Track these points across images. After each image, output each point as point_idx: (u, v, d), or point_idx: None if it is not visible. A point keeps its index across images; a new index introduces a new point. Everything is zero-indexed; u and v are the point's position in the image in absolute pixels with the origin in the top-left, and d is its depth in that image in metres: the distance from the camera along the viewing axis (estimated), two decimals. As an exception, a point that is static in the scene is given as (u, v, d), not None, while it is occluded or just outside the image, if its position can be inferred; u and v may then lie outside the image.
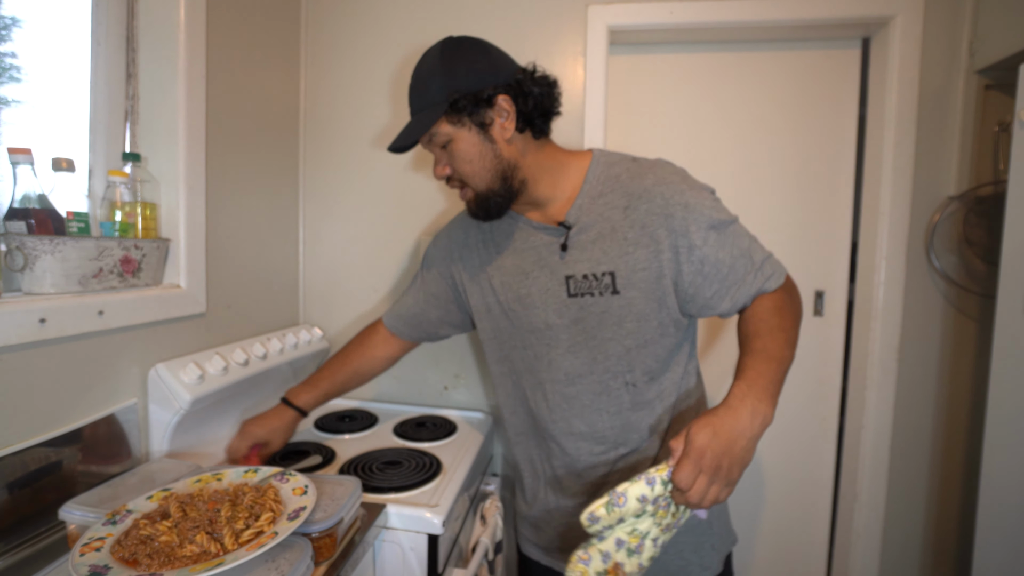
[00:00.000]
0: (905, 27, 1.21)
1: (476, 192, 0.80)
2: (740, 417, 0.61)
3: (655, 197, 0.76)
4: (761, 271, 0.78)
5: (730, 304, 0.78)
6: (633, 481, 0.59)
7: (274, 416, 1.01)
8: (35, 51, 0.87)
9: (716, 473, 0.59)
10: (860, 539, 1.34)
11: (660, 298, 0.77)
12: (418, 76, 0.79)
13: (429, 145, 0.81)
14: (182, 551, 0.56)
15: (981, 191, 1.22)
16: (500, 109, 0.76)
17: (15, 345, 0.70)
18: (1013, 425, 1.01)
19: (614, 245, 0.77)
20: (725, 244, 0.76)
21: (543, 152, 0.82)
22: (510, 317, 0.87)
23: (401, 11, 1.37)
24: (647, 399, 0.82)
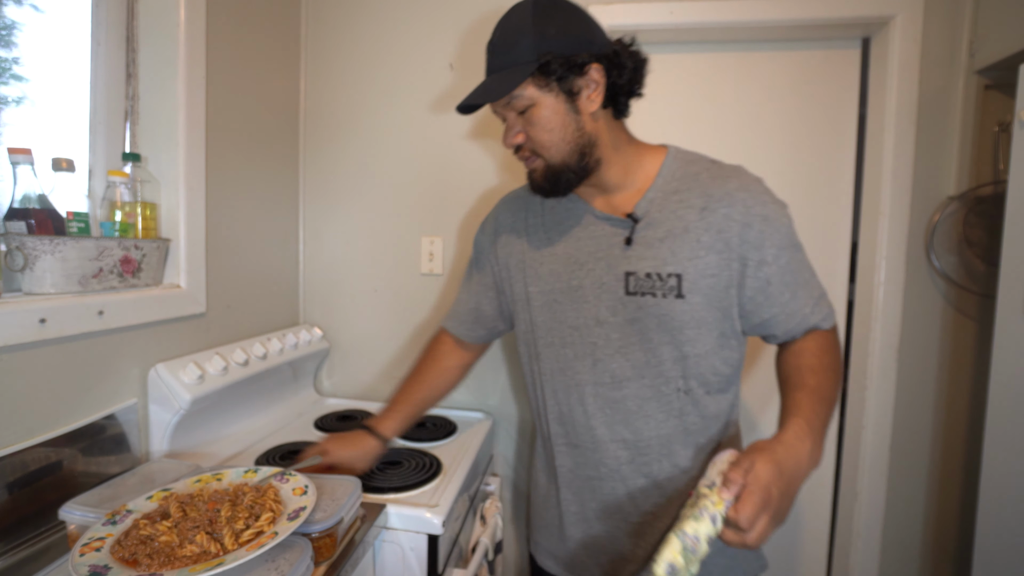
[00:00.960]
0: (905, 27, 1.21)
1: (548, 164, 0.74)
2: (801, 457, 0.59)
3: (736, 203, 0.71)
4: (819, 306, 0.75)
5: (784, 332, 0.76)
6: (698, 519, 0.52)
7: (358, 443, 0.92)
8: (35, 51, 0.87)
9: (776, 515, 0.54)
10: (860, 539, 1.33)
11: (725, 308, 0.74)
12: (504, 31, 0.71)
13: (504, 108, 0.74)
14: (182, 551, 0.56)
15: (981, 191, 1.22)
16: (590, 79, 0.70)
17: (15, 345, 0.70)
18: (1013, 425, 1.01)
19: (685, 246, 0.72)
20: (792, 269, 0.73)
21: (620, 134, 0.78)
22: (553, 310, 0.81)
23: (401, 11, 1.37)
24: (701, 412, 0.77)
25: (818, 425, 0.63)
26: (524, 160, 0.77)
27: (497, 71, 0.72)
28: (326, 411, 1.34)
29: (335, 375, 1.48)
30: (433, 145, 1.38)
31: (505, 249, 0.89)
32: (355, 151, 1.42)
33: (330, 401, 1.43)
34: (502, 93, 0.70)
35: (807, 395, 0.67)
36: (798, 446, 0.59)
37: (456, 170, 1.37)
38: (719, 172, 0.75)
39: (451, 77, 1.36)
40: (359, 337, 1.45)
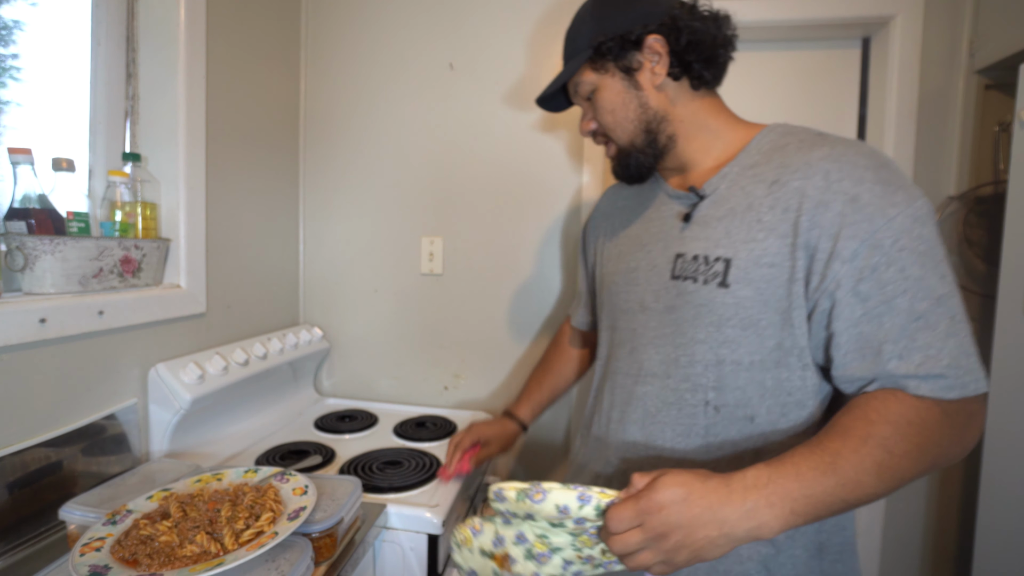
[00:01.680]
0: (905, 27, 1.21)
1: (618, 147, 0.71)
2: (728, 504, 0.46)
3: (815, 174, 0.56)
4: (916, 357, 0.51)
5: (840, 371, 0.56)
6: (566, 487, 0.49)
7: (499, 423, 1.01)
8: (35, 51, 0.87)
9: (657, 539, 0.46)
10: (860, 539, 1.33)
11: (785, 310, 0.58)
12: (573, 22, 0.71)
13: (577, 98, 0.74)
14: (182, 551, 0.56)
15: (981, 191, 1.22)
16: (650, 51, 0.66)
17: (15, 345, 0.70)
18: (1013, 425, 1.01)
19: (742, 226, 0.60)
20: (883, 280, 0.52)
21: (702, 106, 0.69)
22: (611, 292, 0.77)
23: (401, 11, 1.37)
24: (735, 441, 0.62)
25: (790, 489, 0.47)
26: (604, 146, 0.75)
27: (566, 61, 0.72)
28: (326, 411, 1.34)
29: (335, 375, 1.48)
30: (434, 145, 1.38)
31: (595, 232, 0.89)
32: (355, 151, 1.42)
33: (330, 401, 1.43)
34: (561, 82, 0.70)
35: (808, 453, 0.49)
36: (736, 494, 0.47)
37: (456, 170, 1.37)
38: (813, 141, 0.60)
39: (451, 77, 1.36)
40: (359, 337, 1.45)
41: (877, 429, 0.50)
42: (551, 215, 1.34)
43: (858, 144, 0.58)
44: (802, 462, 0.49)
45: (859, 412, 0.52)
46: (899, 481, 0.50)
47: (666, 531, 0.46)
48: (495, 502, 0.52)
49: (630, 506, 0.46)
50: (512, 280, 1.37)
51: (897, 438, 0.49)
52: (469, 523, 0.55)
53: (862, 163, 0.55)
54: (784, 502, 0.47)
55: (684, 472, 0.48)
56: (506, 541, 0.54)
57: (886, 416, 0.50)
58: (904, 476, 0.50)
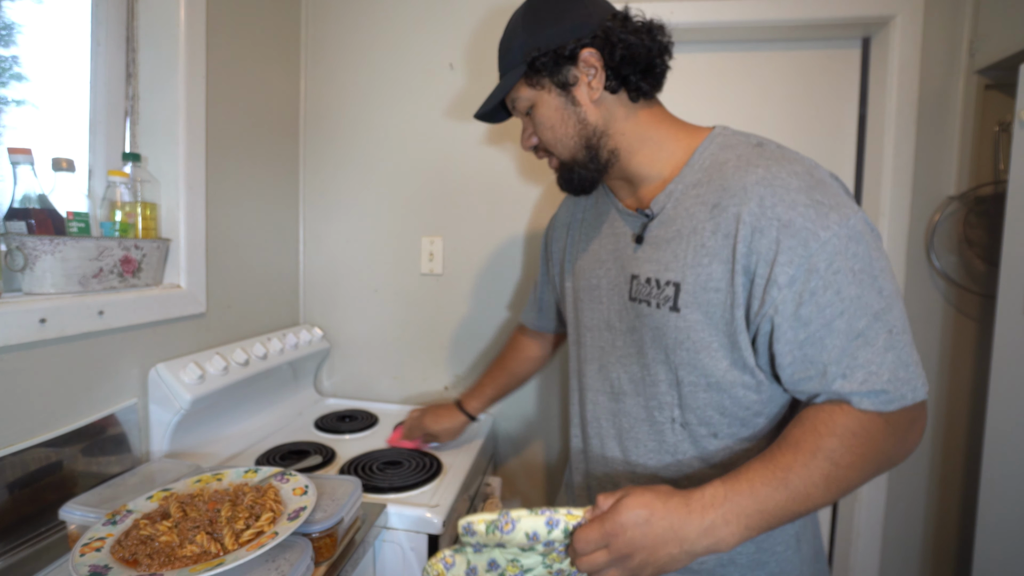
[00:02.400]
0: (905, 27, 1.21)
1: (560, 162, 0.72)
2: (688, 524, 0.49)
3: (751, 199, 0.56)
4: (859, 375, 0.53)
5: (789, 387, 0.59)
6: (534, 513, 0.50)
7: (446, 415, 1.07)
8: (35, 51, 0.87)
9: (622, 559, 0.49)
10: (860, 539, 1.33)
11: (732, 334, 0.59)
12: (504, 34, 0.70)
13: (515, 112, 0.73)
14: (182, 551, 0.56)
15: (981, 191, 1.22)
16: (586, 65, 0.65)
17: (15, 345, 0.70)
18: (1013, 425, 1.01)
19: (689, 250, 0.61)
20: (821, 304, 0.53)
21: (643, 118, 0.68)
22: (577, 308, 0.79)
23: (401, 11, 1.37)
24: (703, 456, 0.65)
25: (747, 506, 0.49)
26: (547, 160, 0.75)
27: (501, 75, 0.72)
28: (326, 411, 1.34)
29: (335, 375, 1.48)
30: (433, 145, 1.38)
31: (557, 244, 0.89)
32: (355, 151, 1.42)
33: (330, 401, 1.43)
34: (496, 99, 0.70)
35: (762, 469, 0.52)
36: (694, 512, 0.49)
37: (456, 170, 1.37)
38: (750, 159, 0.60)
39: (451, 77, 1.36)
40: (359, 337, 1.45)
41: (825, 442, 0.52)
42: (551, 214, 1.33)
43: (793, 163, 0.58)
44: (756, 478, 0.51)
45: (808, 425, 0.54)
46: (845, 490, 0.53)
47: (630, 551, 0.48)
48: (465, 536, 0.52)
49: (595, 528, 0.49)
50: (512, 280, 1.37)
51: (843, 450, 0.52)
52: (440, 556, 0.55)
53: (794, 185, 0.56)
54: (739, 519, 0.49)
55: (646, 492, 0.50)
56: (479, 571, 0.54)
57: (832, 429, 0.53)
58: (850, 485, 0.53)
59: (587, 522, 0.50)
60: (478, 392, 1.09)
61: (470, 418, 1.09)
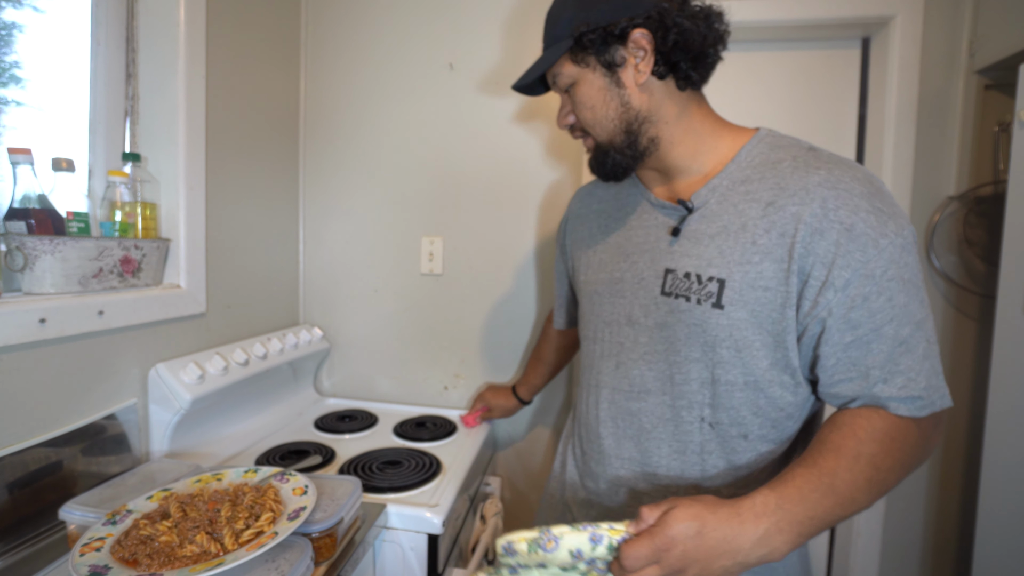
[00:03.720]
0: (905, 27, 1.21)
1: (597, 143, 0.68)
2: (742, 534, 0.48)
3: (813, 200, 0.56)
4: (899, 381, 0.54)
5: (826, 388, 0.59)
6: (575, 529, 0.48)
7: (503, 394, 1.25)
8: (36, 52, 0.87)
9: (674, 574, 0.47)
10: (860, 539, 1.33)
11: (779, 333, 0.59)
12: (553, 6, 0.67)
13: (555, 88, 0.70)
14: (182, 551, 0.56)
15: (981, 191, 1.22)
16: (635, 47, 0.62)
17: (15, 345, 0.70)
18: (1013, 425, 1.01)
19: (737, 247, 0.59)
20: (872, 310, 0.54)
21: (689, 109, 0.66)
22: (593, 301, 0.75)
23: (401, 11, 1.37)
24: (729, 458, 0.64)
25: (796, 512, 0.49)
26: (581, 140, 0.72)
27: (546, 47, 0.68)
28: (326, 411, 1.34)
29: (335, 375, 1.48)
30: (433, 145, 1.38)
31: (571, 236, 0.87)
32: (355, 151, 1.42)
33: (330, 401, 1.43)
34: (539, 72, 0.66)
35: (808, 473, 0.52)
36: (747, 521, 0.48)
37: (456, 170, 1.37)
38: (808, 161, 0.59)
39: (451, 77, 1.35)
40: (359, 337, 1.45)
41: (866, 448, 0.53)
42: (551, 214, 1.34)
43: (853, 168, 0.58)
44: (804, 485, 0.51)
45: (848, 431, 0.55)
46: (884, 492, 0.54)
47: (683, 566, 0.47)
48: (505, 556, 0.50)
49: (645, 543, 0.46)
50: (512, 280, 1.37)
51: (883, 455, 0.54)
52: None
53: (858, 190, 0.56)
54: (792, 526, 0.49)
55: (694, 503, 0.48)
56: None
57: (872, 435, 0.54)
58: (888, 487, 0.54)
59: (633, 537, 0.48)
60: (525, 381, 1.22)
61: (521, 401, 1.23)
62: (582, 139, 0.72)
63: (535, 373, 1.20)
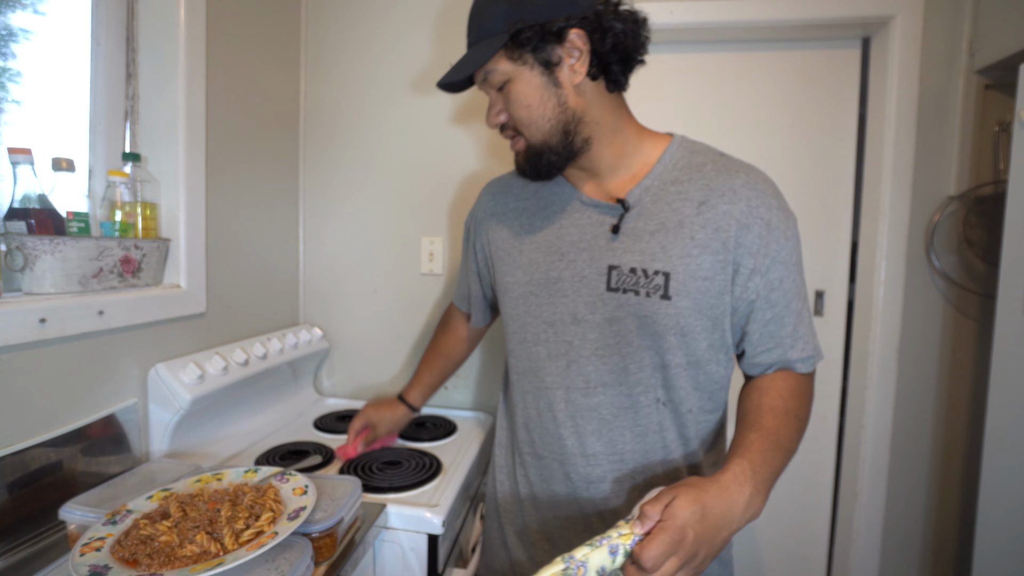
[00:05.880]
0: (905, 27, 1.21)
1: (529, 143, 0.68)
2: (734, 504, 0.52)
3: (739, 199, 0.64)
4: (801, 343, 0.67)
5: (750, 359, 0.69)
6: (594, 547, 0.48)
7: (388, 406, 1.07)
8: (36, 52, 0.87)
9: (690, 561, 0.49)
10: (860, 539, 1.33)
11: (716, 316, 0.66)
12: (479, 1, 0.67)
13: (484, 85, 0.69)
14: (182, 551, 0.56)
15: (981, 191, 1.22)
16: (571, 47, 0.63)
17: (15, 345, 0.70)
18: (1013, 425, 1.01)
19: (677, 243, 0.65)
20: (784, 289, 0.66)
21: (616, 112, 0.69)
22: (528, 303, 0.74)
23: (401, 11, 1.37)
24: (680, 431, 0.70)
25: (765, 472, 0.56)
26: (510, 140, 0.72)
27: (472, 45, 0.67)
28: (326, 411, 1.34)
29: (335, 375, 1.48)
30: (434, 145, 1.38)
31: (487, 235, 0.83)
32: (355, 151, 1.42)
33: (330, 401, 1.43)
34: (473, 68, 0.64)
35: (761, 437, 0.59)
36: (734, 491, 0.53)
37: (457, 170, 1.37)
38: (727, 166, 0.67)
39: (451, 77, 1.35)
40: (359, 337, 1.45)
41: (791, 404, 0.65)
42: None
43: (759, 172, 0.68)
44: (763, 447, 0.58)
45: (774, 393, 0.66)
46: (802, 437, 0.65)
47: (696, 550, 0.49)
48: None
49: (660, 540, 0.47)
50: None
51: (799, 407, 0.66)
52: None
53: (770, 191, 0.66)
54: (764, 485, 0.56)
55: (688, 488, 0.51)
56: None
57: (791, 392, 0.66)
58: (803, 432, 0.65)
59: (644, 537, 0.48)
60: (417, 382, 1.07)
61: (411, 408, 1.07)
62: (511, 139, 0.71)
63: (432, 370, 1.06)
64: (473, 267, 0.91)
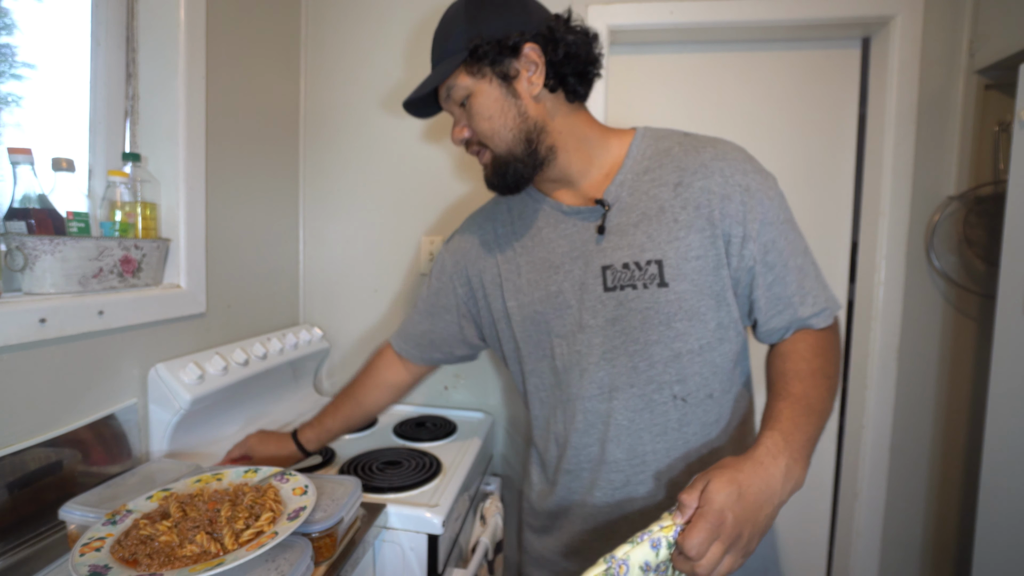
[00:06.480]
0: (905, 27, 1.21)
1: (495, 155, 0.70)
2: (771, 478, 0.51)
3: (713, 173, 0.65)
4: (811, 298, 0.66)
5: (764, 327, 0.68)
6: (635, 544, 0.49)
7: (276, 441, 0.95)
8: (35, 51, 0.87)
9: (734, 543, 0.48)
10: (860, 538, 1.33)
11: (718, 293, 0.66)
12: (442, 24, 0.70)
13: (448, 103, 0.72)
14: (182, 551, 0.56)
15: (981, 191, 1.22)
16: (527, 60, 0.66)
17: (15, 345, 0.70)
18: (1013, 425, 1.01)
19: (662, 228, 0.65)
20: (779, 248, 0.65)
21: (578, 119, 0.71)
22: (535, 321, 0.74)
23: (401, 12, 1.37)
24: (703, 419, 0.69)
25: (799, 439, 0.55)
26: (476, 155, 0.73)
27: (435, 64, 0.70)
28: (326, 411, 1.34)
29: (335, 375, 1.48)
30: (433, 145, 1.38)
31: (476, 266, 0.82)
32: (355, 151, 1.42)
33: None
34: (434, 84, 0.68)
35: (790, 405, 0.58)
36: (769, 465, 0.52)
37: (457, 170, 1.37)
38: (693, 144, 0.68)
39: (451, 77, 1.35)
40: (359, 337, 1.45)
41: (815, 363, 0.63)
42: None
43: (726, 142, 0.69)
44: (792, 414, 0.57)
45: (796, 356, 0.65)
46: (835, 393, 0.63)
47: (739, 531, 0.49)
48: None
49: (700, 528, 0.47)
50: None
51: (826, 363, 0.64)
52: None
53: (740, 156, 0.67)
54: (800, 452, 0.54)
55: (722, 470, 0.51)
56: None
57: (813, 351, 0.64)
58: (836, 388, 0.64)
59: (686, 525, 0.48)
60: (316, 423, 0.96)
61: (303, 451, 0.95)
62: (477, 154, 0.73)
63: (335, 415, 0.96)
64: (444, 302, 0.87)
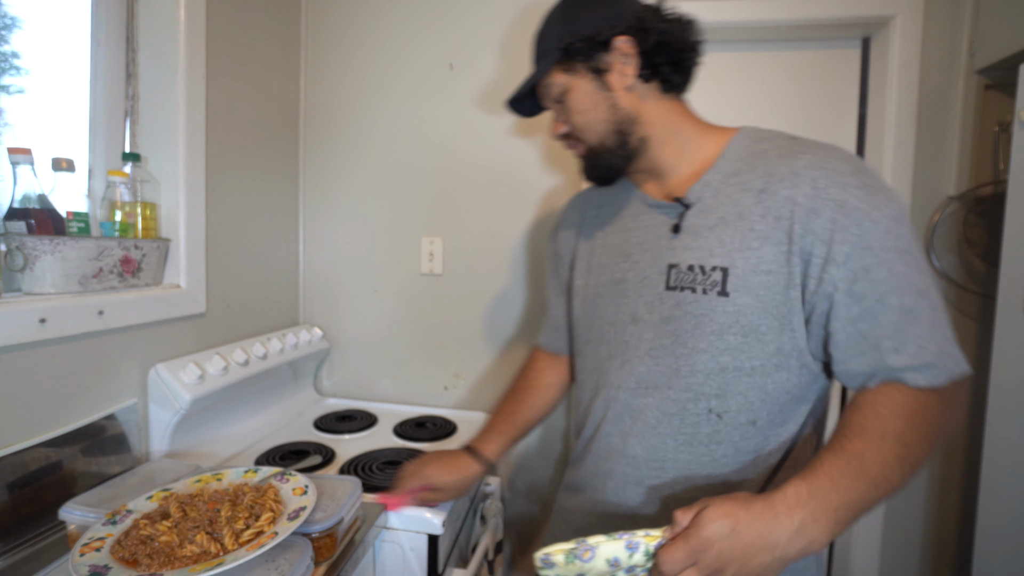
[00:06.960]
0: (905, 27, 1.21)
1: (588, 147, 0.71)
2: (777, 527, 0.46)
3: (803, 182, 0.58)
4: (910, 349, 0.54)
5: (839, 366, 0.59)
6: (612, 538, 0.49)
7: (456, 465, 0.84)
8: (35, 51, 0.87)
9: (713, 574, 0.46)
10: (860, 539, 1.33)
11: (784, 315, 0.60)
12: (541, 26, 0.72)
13: (547, 101, 0.74)
14: (182, 551, 0.56)
15: (981, 191, 1.22)
16: (619, 53, 0.66)
17: (15, 345, 0.70)
18: (1013, 425, 1.01)
19: (736, 235, 0.61)
20: (875, 280, 0.55)
21: (673, 110, 0.71)
22: (593, 304, 0.76)
23: (401, 11, 1.37)
24: (737, 445, 0.64)
25: (831, 500, 0.48)
26: (572, 149, 0.75)
27: (535, 64, 0.73)
28: (326, 411, 1.34)
29: (335, 375, 1.48)
30: (433, 145, 1.38)
31: (565, 246, 0.86)
32: (355, 151, 1.42)
33: (330, 401, 1.43)
34: (532, 83, 0.70)
35: (835, 459, 0.51)
36: (781, 514, 0.47)
37: (456, 170, 1.37)
38: (792, 148, 0.62)
39: (451, 77, 1.35)
40: (359, 337, 1.45)
41: (891, 424, 0.52)
42: (551, 215, 1.34)
43: (835, 149, 0.61)
44: (833, 470, 0.50)
45: (870, 409, 0.54)
46: (916, 469, 0.52)
47: (721, 566, 0.46)
48: (543, 569, 0.51)
49: (680, 546, 0.46)
50: (512, 279, 1.37)
51: (909, 430, 0.52)
52: None
53: (844, 169, 0.58)
54: (827, 514, 0.48)
55: (726, 501, 0.48)
56: None
57: (895, 410, 0.53)
58: (920, 463, 0.53)
59: (669, 541, 0.48)
60: (494, 433, 0.88)
61: (488, 465, 0.86)
62: (574, 148, 0.75)
63: (512, 423, 0.90)
64: (556, 283, 0.90)
